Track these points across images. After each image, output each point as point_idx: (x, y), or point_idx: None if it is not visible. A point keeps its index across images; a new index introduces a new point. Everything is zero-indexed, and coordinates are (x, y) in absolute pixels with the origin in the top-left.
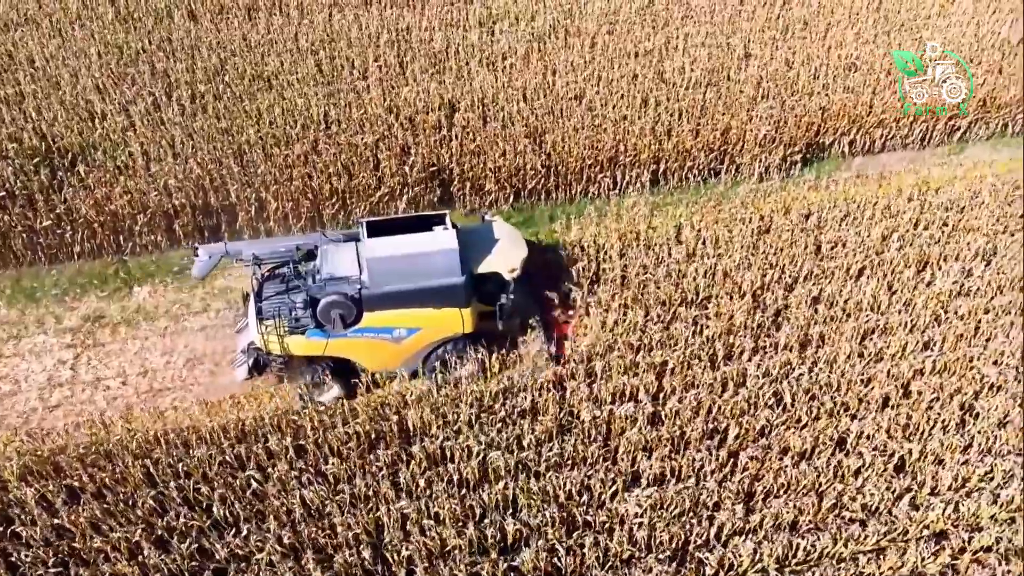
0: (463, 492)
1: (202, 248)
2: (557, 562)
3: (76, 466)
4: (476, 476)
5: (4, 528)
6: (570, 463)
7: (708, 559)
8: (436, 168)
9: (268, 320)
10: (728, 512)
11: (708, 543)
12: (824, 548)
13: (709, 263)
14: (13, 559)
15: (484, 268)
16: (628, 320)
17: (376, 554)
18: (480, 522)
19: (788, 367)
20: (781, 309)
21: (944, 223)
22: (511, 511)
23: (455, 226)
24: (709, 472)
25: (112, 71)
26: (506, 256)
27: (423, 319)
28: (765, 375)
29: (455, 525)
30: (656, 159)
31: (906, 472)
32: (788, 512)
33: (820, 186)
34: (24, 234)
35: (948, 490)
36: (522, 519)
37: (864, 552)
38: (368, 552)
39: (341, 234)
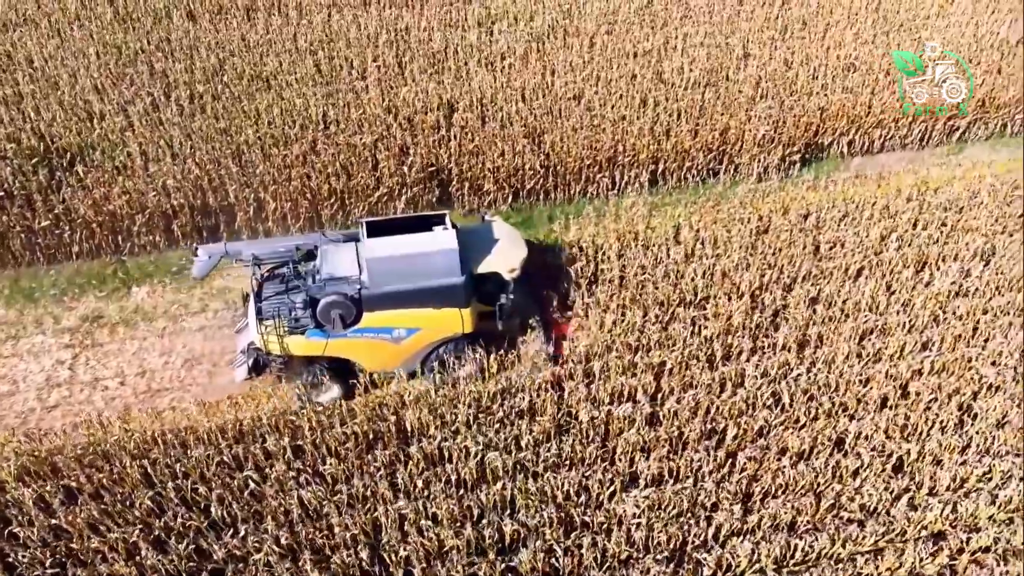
0: (461, 493)
1: (202, 248)
2: (555, 563)
3: (74, 466)
4: (474, 476)
5: (1, 529)
6: (568, 464)
7: (706, 560)
8: (435, 168)
9: (268, 320)
10: (726, 513)
11: (706, 544)
12: (822, 548)
13: (707, 263)
14: (10, 560)
15: (484, 268)
16: (626, 320)
17: (374, 555)
18: (478, 523)
19: (786, 367)
20: (779, 309)
21: (943, 223)
22: (509, 512)
23: (455, 226)
24: (707, 473)
25: (111, 71)
26: (506, 256)
27: (423, 319)
28: (763, 375)
29: (453, 526)
30: (655, 159)
31: (904, 472)
32: (786, 512)
33: (819, 186)
34: (22, 234)
35: (946, 490)
36: (520, 520)
37: (862, 552)
38: (366, 553)
39: (341, 234)
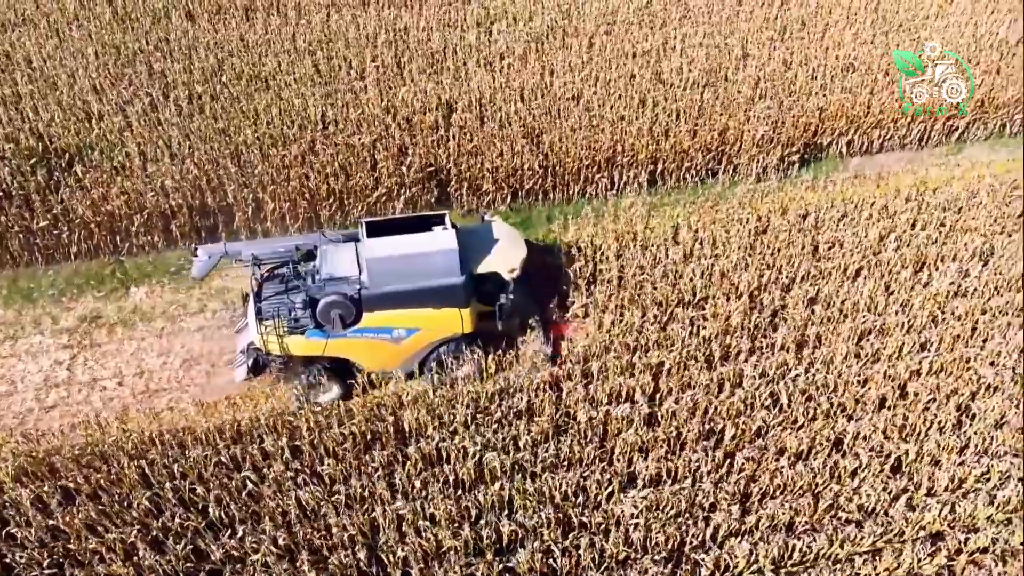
0: (459, 493)
1: (202, 248)
2: (552, 563)
3: (71, 467)
4: (472, 477)
5: None
6: (566, 464)
7: (704, 560)
8: (433, 168)
9: (267, 320)
10: (724, 513)
11: (704, 544)
12: (820, 549)
13: (706, 264)
14: (8, 560)
15: (483, 268)
16: (625, 321)
17: (371, 555)
18: (476, 523)
19: (785, 368)
20: (778, 310)
21: (941, 223)
22: (507, 512)
23: (455, 226)
24: (705, 473)
25: (109, 71)
26: (505, 256)
27: (422, 319)
28: (762, 376)
29: (451, 526)
30: (653, 159)
31: (902, 473)
32: (784, 513)
33: (818, 186)
34: (21, 234)
35: (944, 491)
36: (518, 520)
37: (860, 553)
38: (363, 553)
39: (340, 234)
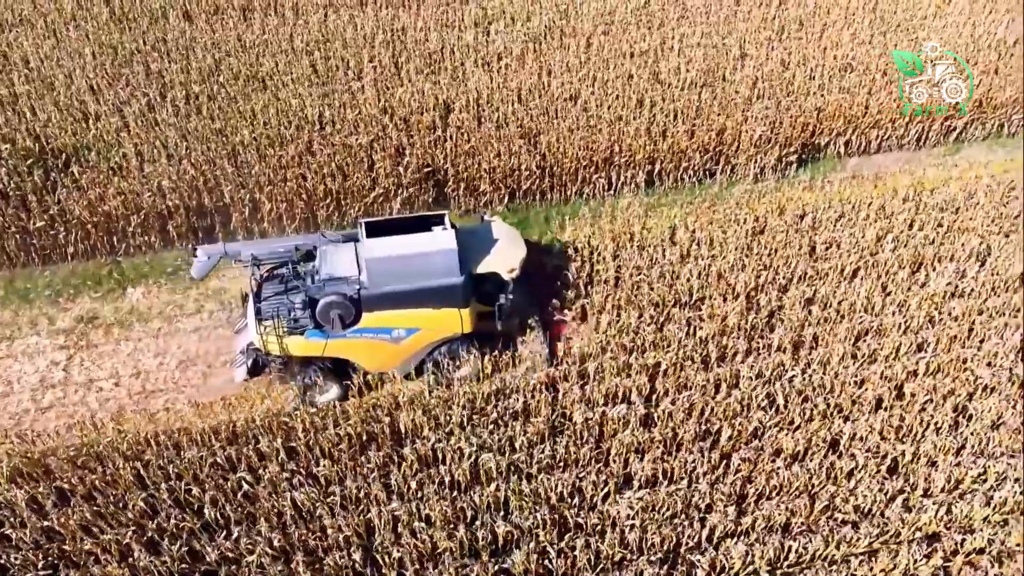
0: (454, 494)
1: (201, 249)
2: (548, 565)
3: (67, 468)
4: (467, 478)
5: None
6: (562, 465)
7: (700, 561)
8: (431, 169)
9: (267, 321)
10: (720, 514)
11: (700, 545)
12: (816, 550)
13: (703, 264)
14: (2, 561)
15: (483, 268)
16: (621, 321)
17: (367, 556)
18: (471, 524)
19: (781, 368)
20: (775, 310)
21: (939, 224)
22: (502, 513)
23: (454, 226)
24: (701, 474)
25: (106, 72)
26: (505, 256)
27: (422, 319)
28: (758, 376)
29: (446, 527)
30: (651, 160)
31: (899, 474)
32: (780, 514)
33: (815, 187)
34: (17, 235)
35: (941, 492)
36: (513, 521)
37: (856, 554)
38: (359, 554)
39: (340, 235)
